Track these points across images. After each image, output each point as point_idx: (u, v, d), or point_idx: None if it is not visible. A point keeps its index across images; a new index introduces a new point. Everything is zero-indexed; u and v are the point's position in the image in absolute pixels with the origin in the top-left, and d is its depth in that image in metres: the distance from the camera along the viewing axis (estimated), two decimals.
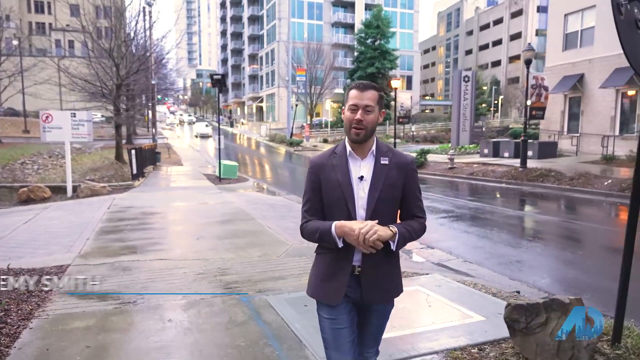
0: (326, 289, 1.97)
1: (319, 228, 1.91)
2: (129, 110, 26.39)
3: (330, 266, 1.97)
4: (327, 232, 1.87)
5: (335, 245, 1.87)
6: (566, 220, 9.47)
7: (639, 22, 3.03)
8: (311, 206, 1.99)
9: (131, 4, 63.23)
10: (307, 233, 1.99)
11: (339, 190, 1.91)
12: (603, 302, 4.54)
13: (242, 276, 5.19)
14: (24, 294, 4.47)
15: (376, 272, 1.95)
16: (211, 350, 3.37)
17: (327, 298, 1.96)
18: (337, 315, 1.97)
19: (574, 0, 21.34)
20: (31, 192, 13.21)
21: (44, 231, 7.90)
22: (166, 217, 9.41)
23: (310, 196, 2.00)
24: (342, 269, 1.94)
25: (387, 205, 1.93)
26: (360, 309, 2.05)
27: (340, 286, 1.94)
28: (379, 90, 1.96)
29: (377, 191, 1.90)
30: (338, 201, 1.91)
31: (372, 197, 1.90)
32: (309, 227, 1.97)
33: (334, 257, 1.95)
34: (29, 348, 3.36)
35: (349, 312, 1.99)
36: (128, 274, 5.30)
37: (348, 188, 1.91)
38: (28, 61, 38.70)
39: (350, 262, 1.93)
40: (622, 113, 19.54)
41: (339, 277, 1.94)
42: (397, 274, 2.05)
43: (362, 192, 1.92)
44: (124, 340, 3.51)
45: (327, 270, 1.98)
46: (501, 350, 3.26)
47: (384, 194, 1.91)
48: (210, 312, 4.11)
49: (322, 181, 1.95)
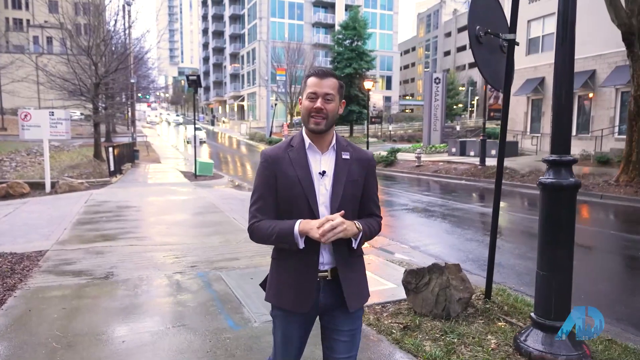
0: (293, 297, 1.81)
1: (276, 228, 1.75)
2: (107, 108, 26.77)
3: (295, 273, 1.81)
4: (288, 232, 1.71)
5: (295, 247, 1.72)
6: (504, 212, 10.42)
7: (503, 47, 3.87)
8: (263, 204, 1.81)
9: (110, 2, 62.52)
10: (259, 234, 1.80)
11: (299, 186, 1.75)
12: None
13: (202, 258, 5.93)
14: (8, 271, 5.14)
15: (348, 274, 1.83)
16: (166, 308, 4.12)
17: (295, 306, 1.81)
18: (292, 325, 1.87)
19: (536, 8, 22.53)
20: (10, 187, 13.66)
21: (23, 223, 8.49)
22: (140, 210, 10.06)
23: (262, 193, 1.81)
24: (309, 275, 1.80)
25: (350, 202, 1.80)
26: (326, 317, 1.90)
27: (309, 293, 1.79)
28: (338, 79, 1.83)
29: (341, 187, 1.77)
30: (297, 198, 1.75)
31: (336, 193, 1.77)
32: (262, 227, 1.79)
33: (298, 261, 1.79)
34: (14, 310, 4.06)
35: (304, 322, 1.89)
36: (101, 257, 5.98)
37: (308, 184, 1.76)
38: (5, 58, 38.48)
39: (318, 266, 1.80)
40: (579, 115, 20.76)
41: (306, 284, 1.80)
42: (365, 274, 1.96)
43: (324, 188, 1.78)
44: (94, 304, 4.23)
45: (292, 277, 1.82)
46: (399, 306, 4.08)
47: (347, 191, 1.78)
48: (169, 283, 4.86)
49: (277, 176, 1.77)
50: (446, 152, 23.94)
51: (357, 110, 39.25)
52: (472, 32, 3.47)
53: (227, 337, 3.50)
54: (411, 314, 3.89)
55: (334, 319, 1.86)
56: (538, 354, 2.92)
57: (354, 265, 1.87)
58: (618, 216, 9.96)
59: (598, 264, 6.39)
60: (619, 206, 10.50)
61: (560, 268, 2.96)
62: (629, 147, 11.18)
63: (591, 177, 12.39)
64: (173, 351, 3.28)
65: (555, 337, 2.93)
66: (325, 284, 1.82)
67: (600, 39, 18.35)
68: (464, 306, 3.86)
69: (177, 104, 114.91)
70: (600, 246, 7.46)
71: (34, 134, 13.97)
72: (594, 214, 10.15)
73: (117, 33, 28.24)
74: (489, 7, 3.76)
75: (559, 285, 2.96)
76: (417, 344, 3.25)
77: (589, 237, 7.94)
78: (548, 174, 3.00)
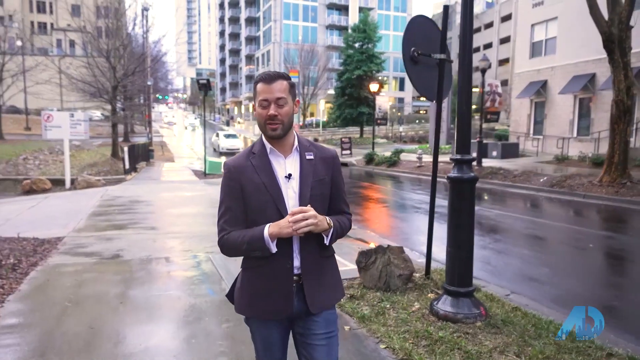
0: (268, 306, 1.78)
1: (246, 236, 1.72)
2: (125, 110, 28.02)
3: (268, 280, 1.76)
4: (258, 237, 1.69)
5: (268, 251, 1.69)
6: (485, 209, 11.04)
7: (440, 64, 4.59)
8: (232, 216, 1.77)
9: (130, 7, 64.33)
10: (229, 246, 1.77)
11: (266, 193, 1.73)
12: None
13: (199, 244, 6.75)
14: (31, 252, 6.05)
15: (317, 277, 1.81)
16: (160, 281, 4.95)
17: (272, 314, 1.79)
18: (270, 330, 1.83)
19: (540, 12, 22.93)
20: (33, 183, 14.81)
21: (45, 215, 9.48)
22: (150, 204, 10.99)
23: (229, 204, 1.78)
24: (284, 281, 1.76)
25: (319, 202, 1.78)
26: (301, 321, 1.85)
27: (286, 300, 1.76)
28: (288, 79, 1.80)
29: (308, 188, 1.76)
30: (265, 205, 1.72)
31: (304, 195, 1.76)
32: (231, 239, 1.75)
33: (270, 269, 1.75)
34: (35, 280, 4.94)
35: (282, 328, 1.86)
36: (110, 242, 6.87)
37: (275, 189, 1.74)
38: (30, 61, 40.20)
39: (292, 272, 1.76)
40: (580, 117, 21.13)
41: (281, 291, 1.76)
42: (338, 274, 1.95)
43: (292, 191, 1.76)
44: (100, 277, 5.09)
45: (265, 286, 1.77)
46: (352, 282, 4.83)
47: (315, 191, 1.77)
48: (166, 263, 5.70)
49: (243, 186, 1.74)
50: (450, 153, 24.46)
51: (366, 111, 39.90)
52: (406, 53, 4.21)
53: (204, 300, 4.33)
54: (361, 287, 4.64)
55: (307, 323, 1.83)
56: (443, 313, 3.66)
57: (323, 266, 1.84)
58: (589, 213, 10.49)
59: (545, 252, 7.03)
60: (598, 205, 11.03)
61: (462, 246, 3.68)
62: (612, 149, 11.68)
63: (577, 177, 12.90)
64: (163, 308, 4.10)
65: (460, 301, 3.66)
66: (299, 288, 1.78)
67: (600, 42, 18.69)
68: (404, 281, 4.60)
69: (195, 105, 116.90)
70: (552, 238, 8.05)
71: (56, 134, 15.08)
72: (566, 212, 10.71)
73: (135, 37, 29.54)
74: (425, 30, 4.49)
75: (462, 259, 3.69)
76: (355, 308, 4.01)
77: (546, 230, 8.55)
78: (453, 170, 3.72)
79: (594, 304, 4.69)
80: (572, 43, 20.54)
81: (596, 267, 6.40)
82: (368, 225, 8.85)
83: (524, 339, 3.35)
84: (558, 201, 11.83)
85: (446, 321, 3.63)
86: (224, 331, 3.62)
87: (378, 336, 3.47)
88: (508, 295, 4.68)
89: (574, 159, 18.30)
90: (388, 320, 3.75)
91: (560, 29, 21.50)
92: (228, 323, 3.72)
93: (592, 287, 5.48)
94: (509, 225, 9.01)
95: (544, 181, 13.51)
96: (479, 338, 3.37)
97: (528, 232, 8.47)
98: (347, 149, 27.57)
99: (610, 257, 6.90)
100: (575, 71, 20.59)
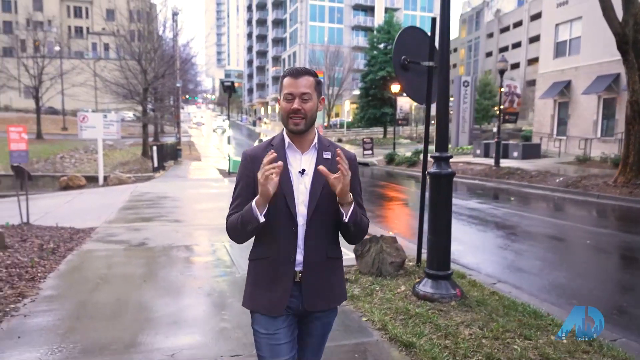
0: (266, 300, 1.78)
1: (240, 212, 1.75)
2: (155, 110, 29.20)
3: (270, 272, 1.79)
4: (247, 208, 1.70)
5: (256, 221, 1.68)
6: (494, 208, 11.28)
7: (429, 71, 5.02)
8: (241, 202, 1.79)
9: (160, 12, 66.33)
10: (230, 227, 1.80)
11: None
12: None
13: (217, 235, 7.36)
14: (68, 239, 6.78)
15: (319, 275, 1.80)
16: (179, 264, 5.56)
17: (268, 310, 1.78)
18: (276, 329, 1.78)
19: (564, 11, 22.75)
20: (70, 180, 15.86)
21: (80, 208, 10.32)
22: (175, 200, 11.72)
23: (241, 191, 1.82)
24: (284, 275, 1.77)
25: (330, 201, 1.76)
26: (301, 319, 1.87)
27: (282, 295, 1.76)
28: (315, 76, 1.80)
29: (320, 186, 1.75)
30: (275, 196, 1.70)
31: (315, 191, 1.76)
32: (231, 220, 1.79)
33: (272, 261, 1.78)
34: (71, 262, 5.62)
35: (289, 325, 1.81)
36: (138, 232, 7.55)
37: (287, 182, 1.75)
38: (67, 64, 42.16)
39: (293, 266, 1.76)
40: (604, 118, 20.89)
41: (280, 285, 1.77)
42: (341, 277, 1.93)
43: (304, 187, 1.77)
44: (127, 260, 5.74)
45: (266, 278, 1.80)
46: (350, 269, 5.31)
47: (327, 189, 1.74)
48: (186, 250, 6.32)
49: (256, 175, 1.71)
50: (471, 153, 24.53)
51: (390, 112, 40.08)
52: (397, 61, 4.67)
53: (217, 279, 4.91)
54: (356, 273, 5.12)
55: (308, 322, 1.86)
56: (423, 293, 4.11)
57: (328, 265, 1.84)
58: (599, 213, 10.61)
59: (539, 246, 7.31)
60: (612, 205, 11.12)
61: (441, 234, 4.12)
62: (626, 149, 11.73)
63: (593, 178, 12.95)
64: (179, 285, 4.70)
65: (439, 283, 4.10)
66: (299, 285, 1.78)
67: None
68: (396, 268, 5.06)
69: (223, 105, 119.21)
70: (551, 234, 8.30)
71: (90, 134, 16.09)
72: (575, 211, 10.85)
73: (166, 40, 30.70)
74: (416, 39, 4.93)
75: (440, 246, 4.12)
76: (347, 289, 4.49)
77: (549, 227, 8.79)
78: (433, 166, 4.16)
79: (572, 292, 5.07)
80: (596, 43, 20.33)
81: (581, 260, 6.67)
82: (380, 221, 9.30)
83: (491, 316, 3.77)
84: (570, 201, 11.95)
85: (425, 300, 4.07)
86: (229, 304, 4.18)
87: (362, 312, 3.96)
88: (494, 284, 5.07)
89: (596, 159, 18.16)
90: (374, 300, 4.22)
91: (585, 28, 21.30)
92: (233, 298, 4.27)
93: (574, 277, 5.79)
94: (514, 222, 9.28)
95: (560, 182, 13.60)
96: (450, 315, 3.81)
97: (529, 229, 8.73)
98: (369, 149, 27.96)
99: (605, 253, 7.14)
100: (600, 71, 20.39)
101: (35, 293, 4.38)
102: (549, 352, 3.15)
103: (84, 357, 3.12)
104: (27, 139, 9.09)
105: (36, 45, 39.55)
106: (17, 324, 3.66)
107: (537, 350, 3.20)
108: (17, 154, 8.61)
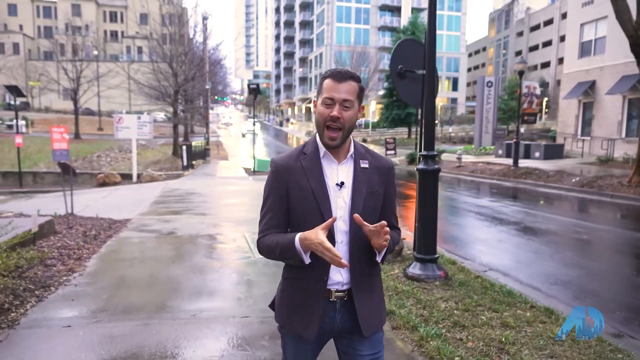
0: (300, 321, 1.68)
1: (279, 241, 1.60)
2: (185, 112, 30.43)
3: (304, 293, 1.67)
4: (290, 245, 1.56)
5: (302, 262, 1.56)
6: (504, 205, 11.62)
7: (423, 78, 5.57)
8: (273, 217, 1.67)
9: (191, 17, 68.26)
10: (265, 248, 1.67)
11: (313, 199, 1.60)
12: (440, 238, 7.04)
13: (238, 226, 8.10)
14: (107, 228, 7.63)
15: (369, 294, 1.71)
16: (203, 250, 6.30)
17: (302, 331, 1.67)
18: (304, 349, 1.73)
19: (589, 11, 22.63)
20: (106, 177, 17.01)
21: (116, 202, 11.27)
22: (202, 195, 12.57)
23: (272, 205, 1.68)
24: (317, 296, 1.65)
25: (371, 216, 1.63)
26: (342, 339, 1.75)
27: (315, 317, 1.64)
28: (359, 81, 1.64)
29: (361, 199, 1.63)
30: (310, 212, 1.60)
31: (356, 206, 1.62)
32: (267, 241, 1.66)
33: (307, 281, 1.65)
34: (111, 247, 6.45)
35: (317, 344, 1.75)
36: (168, 223, 8.37)
37: (324, 197, 1.61)
38: (103, 68, 44.13)
39: (324, 287, 1.64)
40: (629, 118, 20.72)
41: (313, 306, 1.65)
42: (382, 296, 1.82)
43: (342, 201, 1.62)
44: (159, 246, 6.53)
45: (298, 298, 1.69)
46: None
47: (367, 203, 1.63)
48: (209, 239, 7.07)
49: (289, 188, 1.63)
50: (494, 154, 24.65)
51: (414, 112, 40.26)
52: (393, 70, 5.25)
53: (236, 262, 5.62)
54: None
55: (353, 342, 1.72)
56: (411, 275, 4.69)
57: (372, 285, 1.73)
58: (608, 212, 10.81)
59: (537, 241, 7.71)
60: (623, 205, 11.31)
61: (428, 222, 4.69)
62: None
63: (608, 178, 13.10)
64: (202, 265, 5.43)
65: (426, 266, 4.68)
66: (342, 305, 1.67)
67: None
68: (395, 256, 5.64)
69: (251, 106, 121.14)
70: (552, 230, 8.64)
71: (125, 134, 17.19)
72: (585, 210, 11.10)
73: (196, 43, 31.92)
74: (413, 49, 5.49)
75: (427, 233, 4.69)
76: None
77: (551, 223, 9.13)
78: (421, 163, 4.73)
79: (556, 279, 5.56)
80: (621, 42, 20.09)
81: (573, 253, 7.07)
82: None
83: (468, 294, 4.33)
84: (583, 200, 12.18)
85: (413, 280, 4.66)
86: (244, 280, 4.87)
87: None
88: (485, 271, 5.59)
89: (619, 160, 18.13)
90: None
91: (610, 28, 21.13)
92: (248, 276, 4.96)
93: (560, 266, 6.22)
94: (519, 219, 9.66)
95: (576, 181, 13.79)
96: (432, 292, 4.38)
97: (532, 225, 9.10)
98: (392, 149, 28.35)
99: (597, 247, 7.51)
100: (625, 71, 20.23)
101: (82, 269, 5.18)
102: (509, 321, 3.69)
103: (124, 314, 3.87)
104: (68, 139, 10.09)
105: (74, 49, 41.61)
106: (70, 291, 4.44)
107: (500, 320, 3.75)
108: (59, 153, 9.60)
